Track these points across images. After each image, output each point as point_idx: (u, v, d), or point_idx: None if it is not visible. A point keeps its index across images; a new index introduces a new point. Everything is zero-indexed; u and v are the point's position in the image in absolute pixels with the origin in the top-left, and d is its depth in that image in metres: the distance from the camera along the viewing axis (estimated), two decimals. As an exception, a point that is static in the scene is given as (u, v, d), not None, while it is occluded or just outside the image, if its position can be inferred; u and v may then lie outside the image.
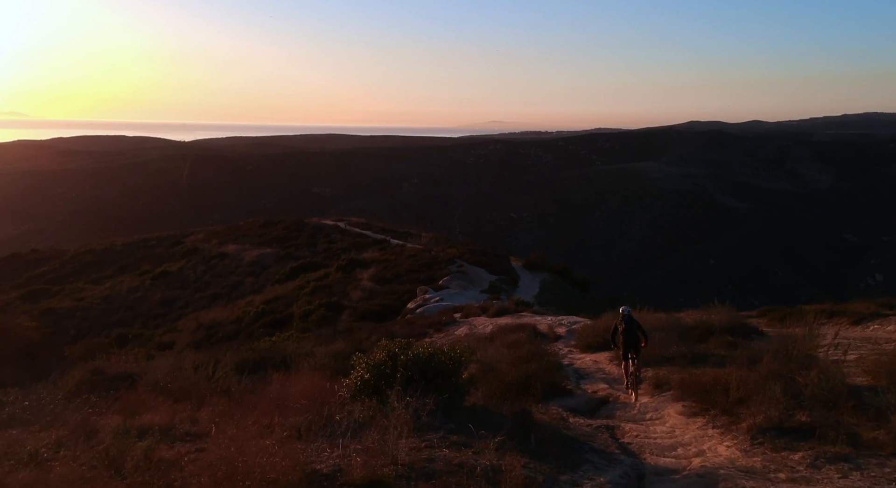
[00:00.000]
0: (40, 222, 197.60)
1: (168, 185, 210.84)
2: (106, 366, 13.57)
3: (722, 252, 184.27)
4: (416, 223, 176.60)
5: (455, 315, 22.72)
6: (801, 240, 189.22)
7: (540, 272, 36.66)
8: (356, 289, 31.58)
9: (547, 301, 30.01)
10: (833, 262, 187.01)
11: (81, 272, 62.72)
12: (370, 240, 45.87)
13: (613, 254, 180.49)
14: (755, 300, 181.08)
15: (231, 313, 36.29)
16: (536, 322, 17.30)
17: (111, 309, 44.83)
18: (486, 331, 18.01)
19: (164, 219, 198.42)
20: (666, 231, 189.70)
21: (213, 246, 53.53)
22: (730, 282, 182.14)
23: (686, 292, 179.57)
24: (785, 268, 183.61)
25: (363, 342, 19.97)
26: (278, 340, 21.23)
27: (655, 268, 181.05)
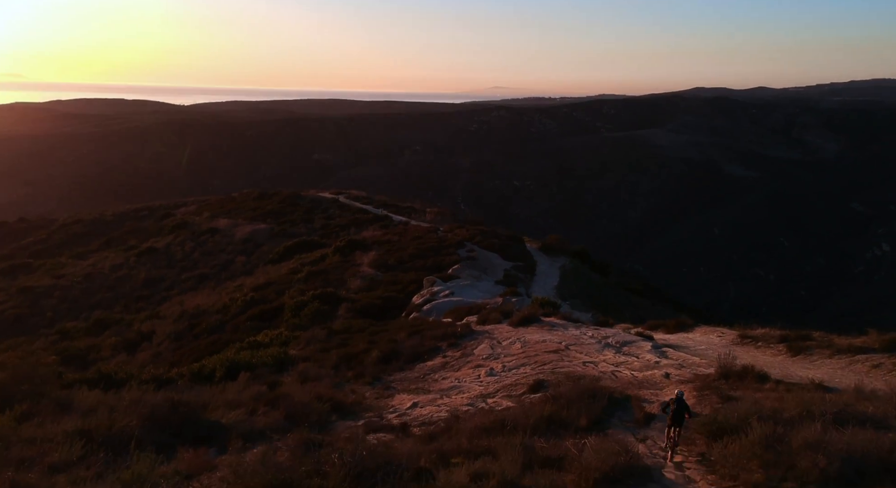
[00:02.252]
0: (39, 187, 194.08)
1: (166, 151, 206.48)
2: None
3: (727, 222, 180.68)
4: (417, 192, 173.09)
5: (470, 319, 19.19)
6: (808, 209, 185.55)
7: (557, 256, 33.10)
8: (355, 277, 28.05)
9: (570, 292, 26.50)
10: (840, 232, 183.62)
11: (68, 244, 59.49)
12: (371, 216, 42.22)
13: (617, 223, 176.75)
14: (760, 271, 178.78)
15: (218, 299, 32.88)
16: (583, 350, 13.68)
17: (92, 288, 41.38)
18: (513, 349, 14.49)
19: (164, 185, 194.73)
20: (671, 200, 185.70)
21: (204, 219, 49.92)
22: (735, 253, 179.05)
23: (691, 263, 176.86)
24: (791, 238, 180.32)
25: (359, 358, 16.52)
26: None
27: (660, 238, 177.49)
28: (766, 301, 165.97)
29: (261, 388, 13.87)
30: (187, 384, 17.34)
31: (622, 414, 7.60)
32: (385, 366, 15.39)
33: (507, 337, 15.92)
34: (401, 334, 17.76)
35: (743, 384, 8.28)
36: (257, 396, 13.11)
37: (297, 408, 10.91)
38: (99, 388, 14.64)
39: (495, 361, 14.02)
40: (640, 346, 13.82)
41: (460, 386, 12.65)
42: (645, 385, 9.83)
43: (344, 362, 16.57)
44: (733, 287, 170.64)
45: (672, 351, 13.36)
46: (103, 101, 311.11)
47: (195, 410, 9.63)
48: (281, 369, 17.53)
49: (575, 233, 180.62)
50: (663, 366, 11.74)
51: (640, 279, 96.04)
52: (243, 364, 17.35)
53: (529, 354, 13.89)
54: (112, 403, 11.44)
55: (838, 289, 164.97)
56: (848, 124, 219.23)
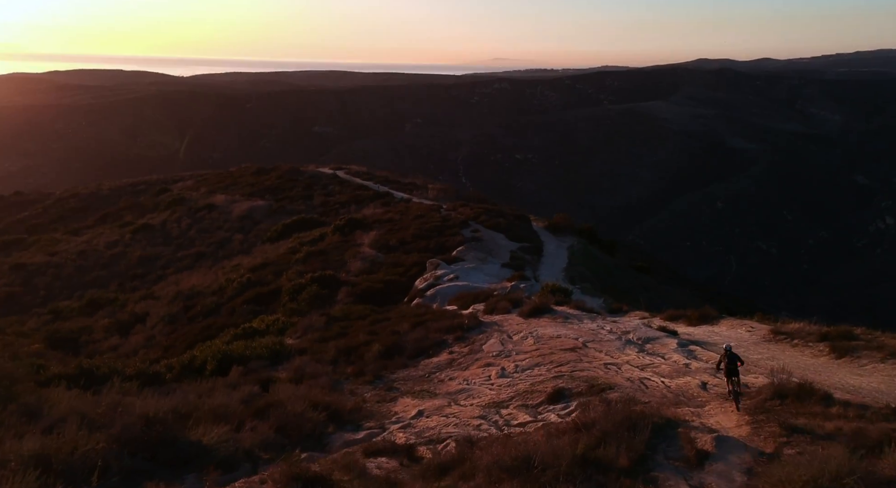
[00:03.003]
0: (38, 159, 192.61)
1: (166, 123, 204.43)
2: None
3: (730, 195, 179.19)
4: (418, 166, 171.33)
5: (477, 307, 18.02)
6: (811, 182, 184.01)
7: (565, 235, 31.87)
8: (355, 258, 26.86)
9: (580, 275, 25.33)
10: (843, 206, 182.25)
11: (63, 219, 58.45)
12: (372, 192, 40.89)
13: (620, 197, 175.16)
14: (762, 244, 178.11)
15: (214, 280, 31.79)
16: (603, 348, 12.51)
17: (86, 266, 40.27)
18: (525, 346, 13.34)
19: (162, 157, 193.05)
20: (674, 173, 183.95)
21: (202, 195, 48.66)
22: (737, 226, 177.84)
23: (693, 236, 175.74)
24: (794, 211, 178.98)
25: (359, 352, 15.36)
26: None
27: (662, 212, 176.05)
28: (768, 274, 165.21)
29: (252, 388, 12.77)
30: (176, 377, 16.29)
31: (667, 447, 6.43)
32: (387, 362, 14.26)
33: (519, 330, 14.76)
34: (403, 325, 16.61)
35: (804, 407, 7.09)
36: (248, 399, 12.01)
37: (290, 420, 9.77)
38: (79, 386, 13.56)
39: (507, 359, 12.87)
40: (665, 344, 12.66)
41: (469, 390, 11.51)
42: (682, 399, 8.66)
43: (343, 356, 15.45)
44: (735, 260, 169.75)
45: (700, 349, 12.20)
46: (101, 73, 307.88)
47: (172, 429, 8.47)
48: (276, 361, 16.44)
49: (577, 207, 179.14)
50: (695, 370, 10.58)
51: (644, 255, 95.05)
52: (236, 356, 16.25)
53: (544, 352, 12.73)
54: (87, 409, 10.33)
55: (840, 263, 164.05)
56: (853, 96, 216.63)
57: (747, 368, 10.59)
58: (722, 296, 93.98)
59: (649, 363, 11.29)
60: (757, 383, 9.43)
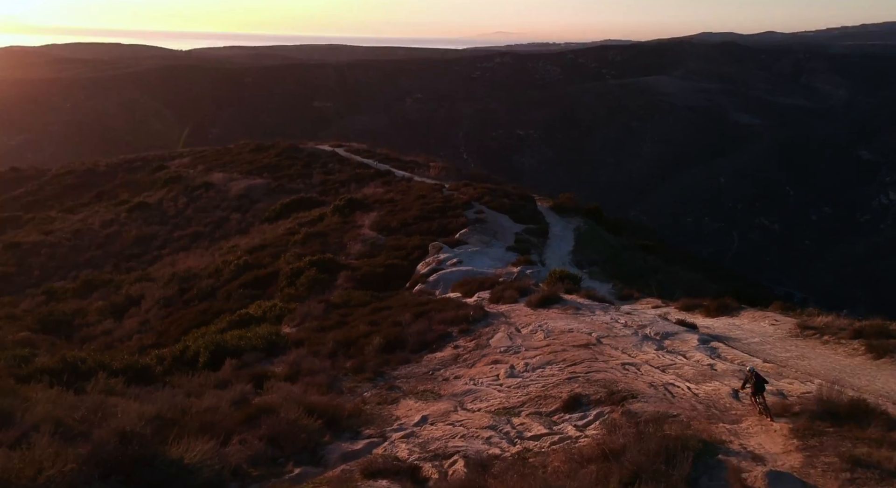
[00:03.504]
0: (36, 134, 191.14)
1: (165, 98, 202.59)
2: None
3: (733, 170, 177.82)
4: (419, 141, 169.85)
5: (482, 295, 17.19)
6: (815, 157, 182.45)
7: (570, 216, 30.95)
8: (355, 241, 26.00)
9: (586, 258, 24.48)
10: (846, 181, 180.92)
11: (59, 196, 57.61)
12: (372, 171, 39.90)
13: (622, 173, 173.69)
14: (765, 220, 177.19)
15: (211, 261, 30.97)
16: (619, 345, 11.70)
17: (81, 246, 39.47)
18: (535, 341, 12.51)
19: (161, 133, 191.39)
20: (676, 149, 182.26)
21: (199, 173, 47.69)
22: (740, 202, 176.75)
23: (695, 212, 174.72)
24: (797, 186, 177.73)
25: (358, 344, 14.54)
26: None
27: (665, 188, 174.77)
28: (770, 250, 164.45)
29: (245, 387, 11.96)
30: (167, 369, 15.51)
31: (710, 482, 5.60)
32: (388, 357, 13.46)
33: (527, 322, 13.92)
34: (405, 314, 15.79)
35: (861, 430, 6.25)
36: (240, 400, 11.23)
37: (282, 429, 8.96)
38: (62, 382, 12.74)
39: (515, 356, 12.05)
40: (685, 340, 11.83)
41: (476, 391, 10.70)
42: (714, 412, 7.82)
43: (342, 348, 14.65)
44: (737, 236, 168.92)
45: (724, 346, 11.38)
46: (99, 46, 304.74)
47: (151, 444, 7.65)
48: (272, 353, 15.67)
49: (579, 183, 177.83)
50: (721, 372, 9.75)
51: (648, 232, 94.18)
52: (230, 348, 15.45)
53: (555, 348, 11.90)
54: (64, 414, 9.52)
55: (843, 238, 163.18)
56: (858, 70, 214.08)
57: (779, 371, 9.78)
58: (730, 277, 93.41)
59: (670, 363, 10.46)
60: (793, 390, 8.61)
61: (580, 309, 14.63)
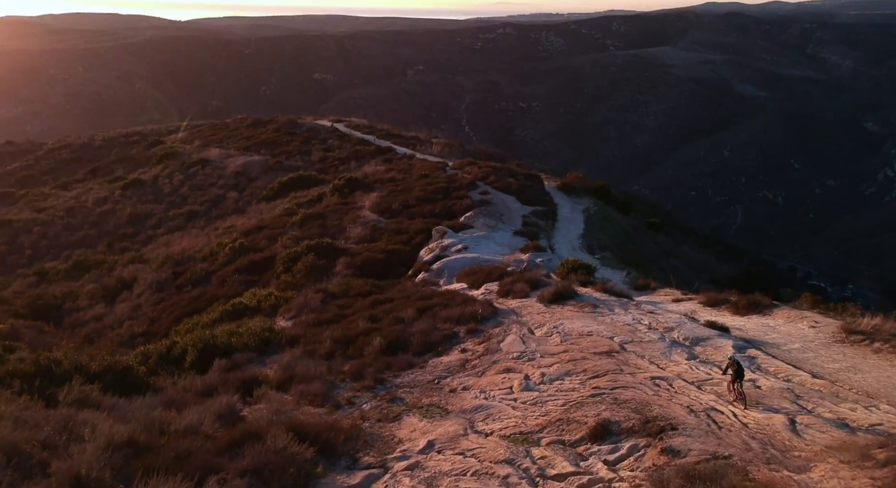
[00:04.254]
0: (34, 105, 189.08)
1: (164, 70, 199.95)
2: None
3: (737, 143, 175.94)
4: (421, 114, 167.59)
5: (490, 287, 16.01)
6: (820, 129, 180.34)
7: (579, 196, 29.68)
8: (355, 223, 24.78)
9: (597, 242, 23.26)
10: (851, 153, 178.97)
11: (54, 171, 56.45)
12: (373, 148, 38.52)
13: (625, 146, 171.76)
14: (769, 193, 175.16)
15: (206, 243, 29.82)
16: (645, 352, 10.59)
17: (74, 224, 38.29)
18: (551, 345, 11.37)
19: (161, 104, 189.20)
20: (680, 121, 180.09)
21: (195, 149, 46.32)
22: (743, 175, 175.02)
23: (698, 186, 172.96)
24: (801, 159, 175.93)
25: (357, 344, 13.40)
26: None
27: (668, 161, 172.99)
28: (773, 224, 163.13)
29: (232, 399, 10.82)
30: (151, 369, 14.39)
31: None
32: (390, 360, 12.32)
33: (541, 322, 12.75)
34: (408, 310, 14.63)
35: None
36: (226, 414, 10.11)
37: (269, 460, 7.83)
38: (34, 388, 11.63)
39: (530, 364, 10.89)
40: (718, 346, 10.66)
41: (488, 408, 9.56)
42: (773, 454, 6.65)
43: (340, 348, 13.51)
44: (741, 210, 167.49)
45: (762, 355, 10.22)
46: (96, 16, 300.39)
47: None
48: (265, 351, 14.55)
49: (581, 156, 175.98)
50: (767, 391, 8.58)
51: (654, 208, 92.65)
52: (220, 347, 14.32)
53: (574, 356, 10.74)
54: (24, 438, 8.40)
55: (848, 211, 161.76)
56: (865, 40, 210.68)
57: (834, 390, 8.62)
58: (736, 253, 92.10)
59: (706, 378, 9.29)
60: (858, 419, 7.45)
61: (598, 306, 13.45)
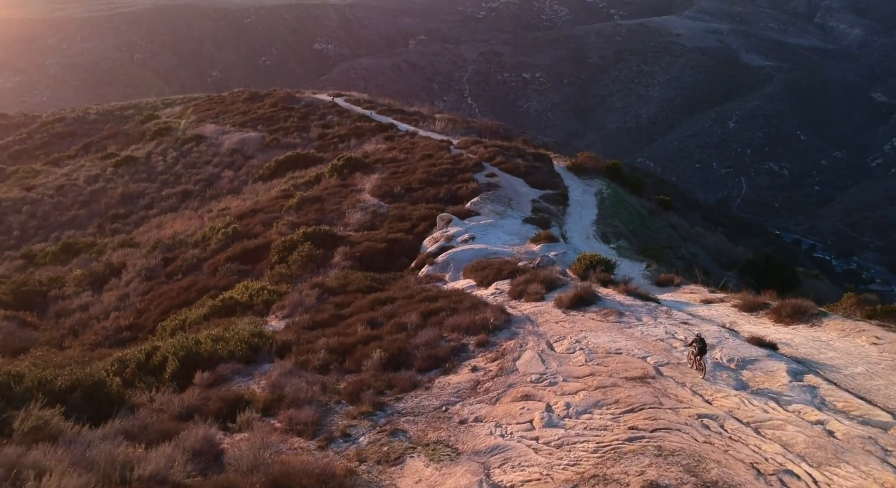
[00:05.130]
0: (32, 75, 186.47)
1: (163, 40, 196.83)
2: None
3: (743, 114, 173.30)
4: (423, 85, 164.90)
5: (501, 286, 14.53)
6: (827, 100, 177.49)
7: (591, 177, 28.06)
8: (354, 208, 23.23)
9: (613, 230, 21.73)
10: (858, 124, 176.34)
11: (47, 146, 54.97)
12: (374, 124, 36.77)
13: (630, 117, 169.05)
14: (774, 165, 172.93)
15: (199, 225, 28.35)
16: (685, 378, 9.14)
17: (64, 204, 36.81)
18: (574, 366, 9.93)
19: (160, 75, 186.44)
20: (685, 92, 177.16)
21: (190, 124, 44.59)
22: (749, 147, 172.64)
23: (703, 157, 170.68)
24: (808, 131, 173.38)
25: (355, 355, 11.97)
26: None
27: (673, 132, 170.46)
28: (778, 196, 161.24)
29: (210, 430, 9.41)
30: (128, 380, 12.99)
31: None
32: (391, 376, 10.91)
33: (561, 333, 11.28)
34: (411, 315, 13.18)
35: None
36: (200, 452, 8.74)
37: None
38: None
39: (552, 389, 9.44)
40: (770, 371, 9.19)
41: (506, 449, 8.13)
42: None
43: (336, 359, 12.09)
44: (746, 182, 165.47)
45: (824, 384, 8.74)
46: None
47: None
48: (254, 360, 13.14)
49: (586, 128, 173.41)
50: (844, 441, 7.13)
51: (661, 182, 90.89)
52: (204, 356, 12.89)
53: (603, 382, 9.29)
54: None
55: (854, 183, 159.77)
56: (875, 8, 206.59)
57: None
58: (744, 229, 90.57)
59: (765, 418, 7.83)
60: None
61: (623, 314, 11.97)
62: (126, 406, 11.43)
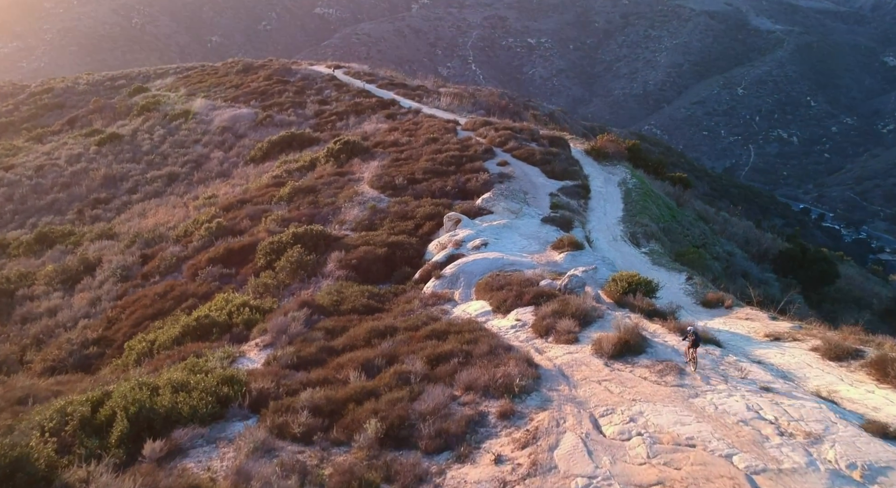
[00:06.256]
0: (29, 40, 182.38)
1: (162, 4, 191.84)
2: None
3: (752, 80, 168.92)
4: (426, 51, 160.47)
5: (523, 318, 11.96)
6: (838, 64, 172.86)
7: (612, 163, 25.30)
8: (352, 203, 20.57)
9: (643, 230, 19.06)
10: (870, 89, 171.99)
11: (34, 118, 52.40)
12: (374, 100, 33.87)
13: (637, 83, 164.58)
14: (783, 132, 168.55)
15: (182, 216, 25.77)
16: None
17: (44, 186, 34.16)
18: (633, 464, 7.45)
19: (159, 40, 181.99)
20: (694, 58, 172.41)
21: (180, 98, 41.69)
22: (757, 113, 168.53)
23: (711, 125, 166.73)
24: (818, 96, 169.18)
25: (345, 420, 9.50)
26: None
27: (680, 99, 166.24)
28: (787, 164, 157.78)
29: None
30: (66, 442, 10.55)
31: None
32: (389, 460, 8.43)
33: (607, 403, 8.73)
34: (416, 362, 10.66)
35: None
36: None
37: None
38: None
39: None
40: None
41: None
42: None
43: (321, 425, 9.60)
44: (754, 150, 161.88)
45: None
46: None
47: None
48: (220, 417, 10.64)
49: (592, 95, 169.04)
50: None
51: (669, 150, 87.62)
52: (160, 413, 10.39)
53: None
54: None
55: (865, 150, 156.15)
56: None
57: None
58: (754, 197, 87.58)
59: None
60: None
61: (684, 371, 9.41)
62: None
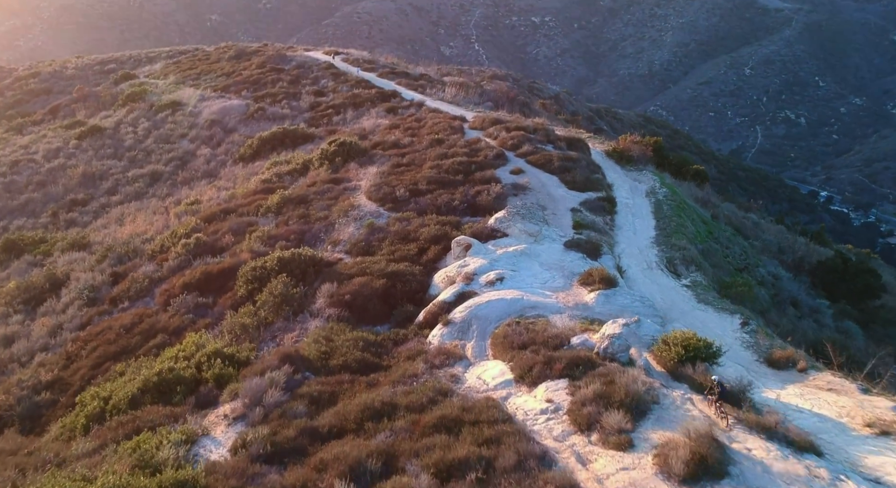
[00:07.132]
0: (25, 18, 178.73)
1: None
2: None
3: (760, 60, 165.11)
4: (429, 31, 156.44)
5: (555, 398, 9.49)
6: (847, 43, 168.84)
7: (637, 168, 22.66)
8: (347, 218, 18.00)
9: (681, 254, 16.48)
10: (880, 69, 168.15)
11: (19, 104, 49.85)
12: (374, 91, 31.13)
13: (642, 63, 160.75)
14: (791, 113, 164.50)
15: (161, 225, 23.28)
16: None
17: (18, 184, 31.62)
18: None
19: (158, 18, 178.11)
20: (700, 37, 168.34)
21: (168, 87, 38.94)
22: (765, 94, 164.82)
23: (717, 106, 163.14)
24: (826, 76, 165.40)
25: None
26: None
27: (686, 80, 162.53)
28: (794, 146, 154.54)
29: None
30: None
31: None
32: None
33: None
34: (421, 476, 8.19)
35: None
36: None
37: None
38: None
39: None
40: None
41: None
42: None
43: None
44: (761, 131, 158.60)
45: None
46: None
47: None
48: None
49: (597, 75, 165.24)
50: None
51: (676, 133, 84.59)
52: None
53: None
54: None
55: (874, 131, 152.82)
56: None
57: None
58: (762, 180, 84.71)
59: None
60: None
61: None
62: None
